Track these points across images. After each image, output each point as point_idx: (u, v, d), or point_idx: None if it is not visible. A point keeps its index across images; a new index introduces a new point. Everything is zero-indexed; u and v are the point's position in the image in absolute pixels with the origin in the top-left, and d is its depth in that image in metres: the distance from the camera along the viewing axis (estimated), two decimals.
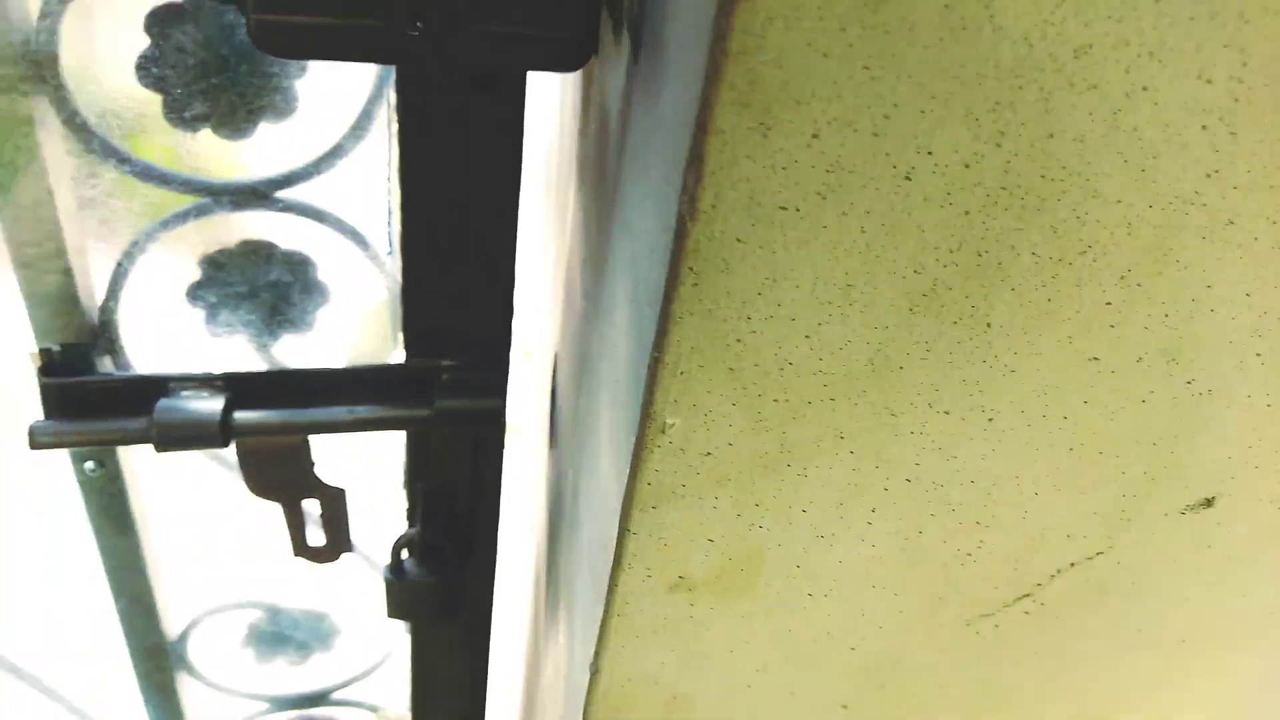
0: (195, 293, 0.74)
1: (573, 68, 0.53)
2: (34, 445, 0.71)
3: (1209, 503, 0.49)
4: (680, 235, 0.35)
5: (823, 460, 0.44)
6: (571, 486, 0.71)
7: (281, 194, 0.68)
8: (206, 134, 0.65)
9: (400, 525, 0.84)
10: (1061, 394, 0.43)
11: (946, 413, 0.42)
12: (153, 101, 0.63)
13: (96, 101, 0.64)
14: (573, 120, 0.73)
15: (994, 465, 0.45)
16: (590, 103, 0.63)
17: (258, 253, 0.72)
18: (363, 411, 0.73)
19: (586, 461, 0.62)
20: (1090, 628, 0.56)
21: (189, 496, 0.90)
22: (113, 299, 0.73)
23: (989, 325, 0.39)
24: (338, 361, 0.79)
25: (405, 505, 0.83)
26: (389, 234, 0.73)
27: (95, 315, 0.73)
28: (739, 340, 0.38)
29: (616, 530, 0.46)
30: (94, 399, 0.73)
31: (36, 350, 0.72)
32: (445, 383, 0.73)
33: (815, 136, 0.32)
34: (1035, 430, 0.44)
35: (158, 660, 0.99)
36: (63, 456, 0.81)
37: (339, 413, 0.73)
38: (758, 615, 0.52)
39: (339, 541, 0.84)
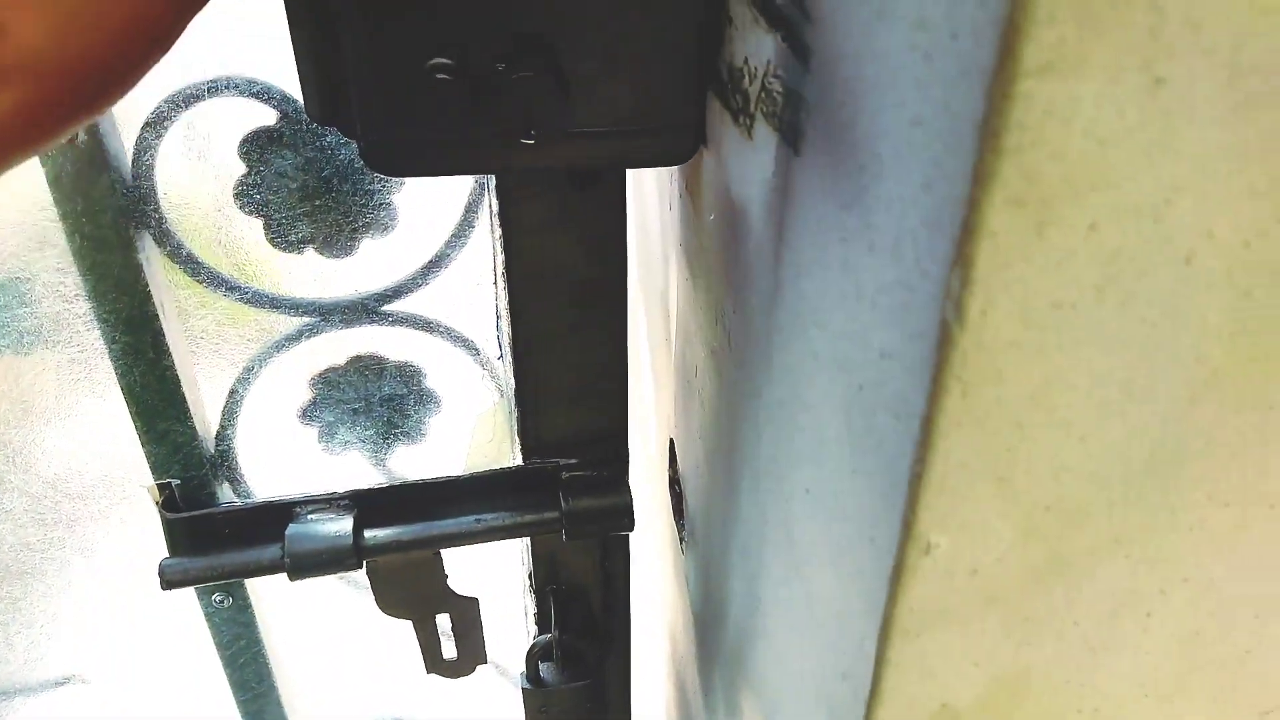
0: (308, 413, 0.73)
1: (683, 160, 0.52)
2: (165, 585, 0.70)
3: None
4: (945, 344, 0.32)
5: (1098, 568, 0.42)
6: (736, 596, 0.66)
7: (389, 308, 0.67)
8: (311, 254, 0.64)
9: (521, 629, 0.81)
10: None
11: (1227, 505, 0.40)
12: (254, 226, 0.63)
13: (200, 232, 0.64)
14: (660, 199, 0.70)
15: (1275, 552, 0.42)
16: (699, 189, 0.60)
17: (369, 368, 0.71)
18: (491, 519, 0.70)
19: (772, 572, 0.57)
20: None
21: (317, 619, 0.89)
22: (229, 426, 0.72)
23: (1271, 407, 0.37)
24: (453, 469, 0.77)
25: (533, 610, 0.80)
26: (498, 337, 0.71)
27: (211, 445, 0.72)
28: (1010, 449, 0.36)
29: (869, 661, 0.44)
30: (220, 531, 0.71)
31: (154, 485, 0.71)
32: (567, 482, 0.71)
33: (1093, 228, 0.30)
34: None
35: None
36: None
37: (468, 523, 0.70)
38: None
39: (473, 654, 0.81)
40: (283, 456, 0.74)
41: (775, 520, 0.54)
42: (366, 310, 0.68)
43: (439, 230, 0.65)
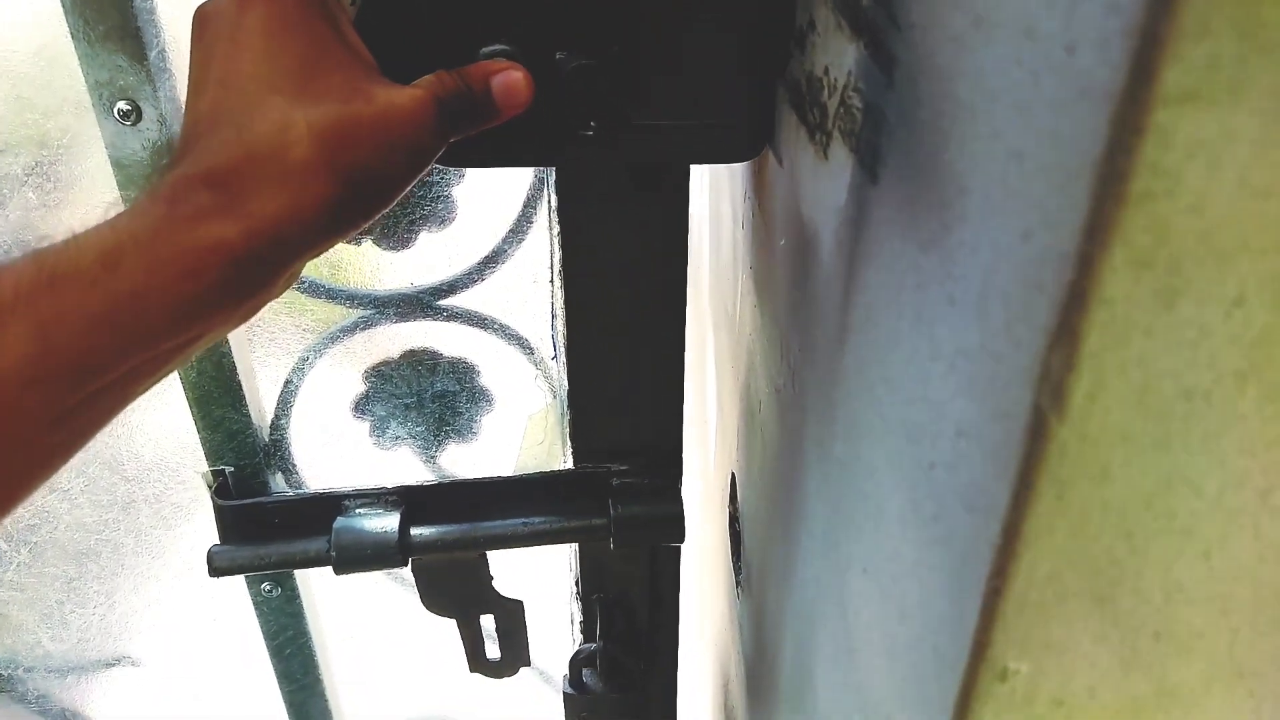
0: (361, 406, 0.72)
1: (744, 158, 0.51)
2: (213, 573, 0.70)
3: None
4: (1038, 432, 0.27)
5: (1213, 704, 0.36)
6: (788, 661, 0.63)
7: (444, 303, 0.66)
8: (369, 246, 0.64)
9: (566, 634, 0.79)
10: None
11: None
12: None
13: None
14: (733, 216, 0.68)
15: None
16: (772, 210, 0.57)
17: (422, 363, 0.70)
18: (538, 523, 0.69)
19: (824, 649, 0.53)
20: None
21: (365, 613, 0.88)
22: (283, 416, 0.72)
23: None
24: (504, 468, 0.75)
25: (580, 618, 0.78)
26: (553, 337, 0.70)
27: (266, 434, 0.72)
28: (1114, 563, 0.30)
29: None
30: (270, 520, 0.71)
31: (208, 470, 0.71)
32: (617, 489, 0.69)
33: (1239, 303, 0.25)
34: None
35: None
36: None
37: (514, 525, 0.69)
38: None
39: (517, 656, 0.80)
40: (335, 449, 0.74)
41: (830, 592, 0.50)
42: (421, 305, 0.67)
43: (497, 225, 0.63)
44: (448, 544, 0.69)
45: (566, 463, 0.70)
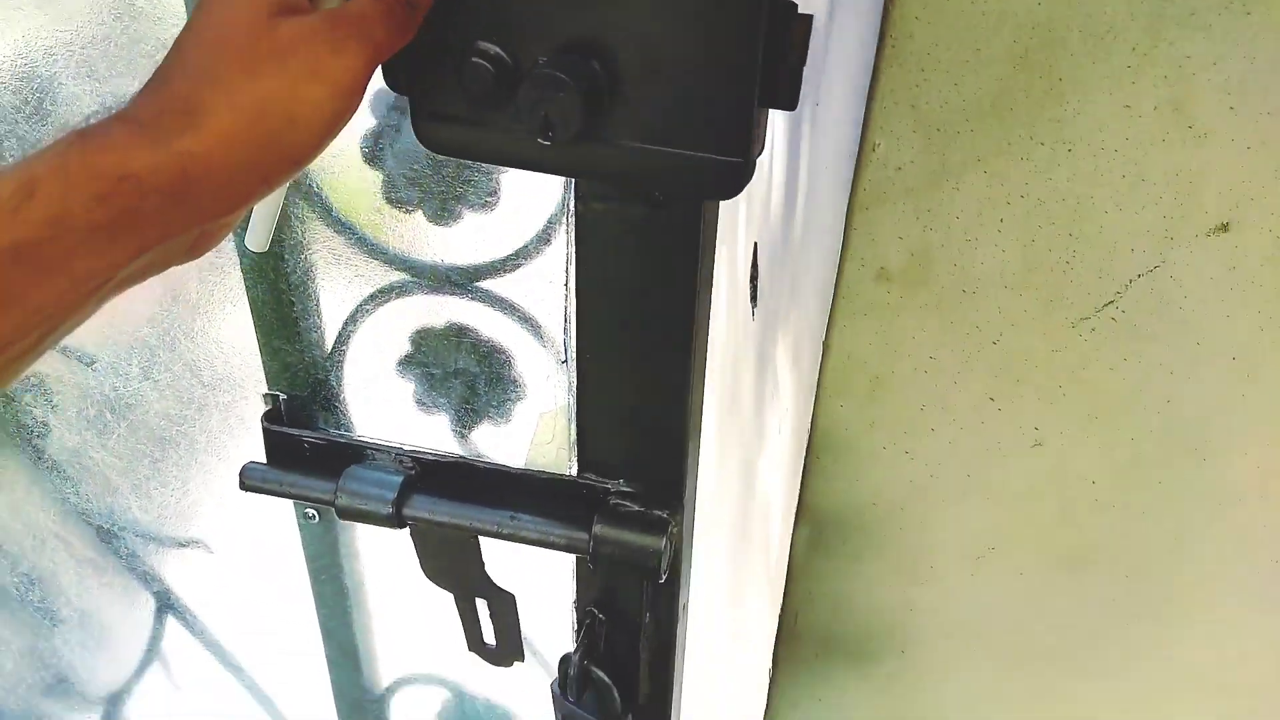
0: (404, 366, 0.74)
1: (725, 196, 0.49)
2: (243, 486, 0.75)
3: (1225, 228, 0.59)
4: None
5: (967, 178, 0.59)
6: None
7: (479, 284, 0.67)
8: (419, 217, 0.66)
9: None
10: None
11: (1042, 144, 0.58)
12: (374, 179, 0.65)
13: (330, 173, 0.67)
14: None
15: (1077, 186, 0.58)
16: None
17: (450, 338, 0.71)
18: (525, 521, 0.69)
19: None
20: (1161, 334, 0.64)
21: (398, 560, 0.92)
22: (335, 359, 0.75)
23: None
24: (519, 459, 0.75)
25: (574, 625, 0.77)
26: (564, 341, 0.69)
27: (318, 371, 0.76)
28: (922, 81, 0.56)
29: (843, 228, 0.61)
30: (304, 454, 0.76)
31: (266, 393, 0.77)
32: (610, 508, 0.67)
33: None
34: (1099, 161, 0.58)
35: (359, 714, 1.01)
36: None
37: (502, 517, 0.69)
38: (929, 307, 0.64)
39: (510, 648, 0.80)
40: (380, 401, 0.77)
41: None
42: (454, 282, 0.68)
43: (535, 219, 0.63)
44: (437, 520, 0.70)
45: (575, 468, 0.69)
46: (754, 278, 0.90)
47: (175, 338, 0.78)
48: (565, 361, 0.70)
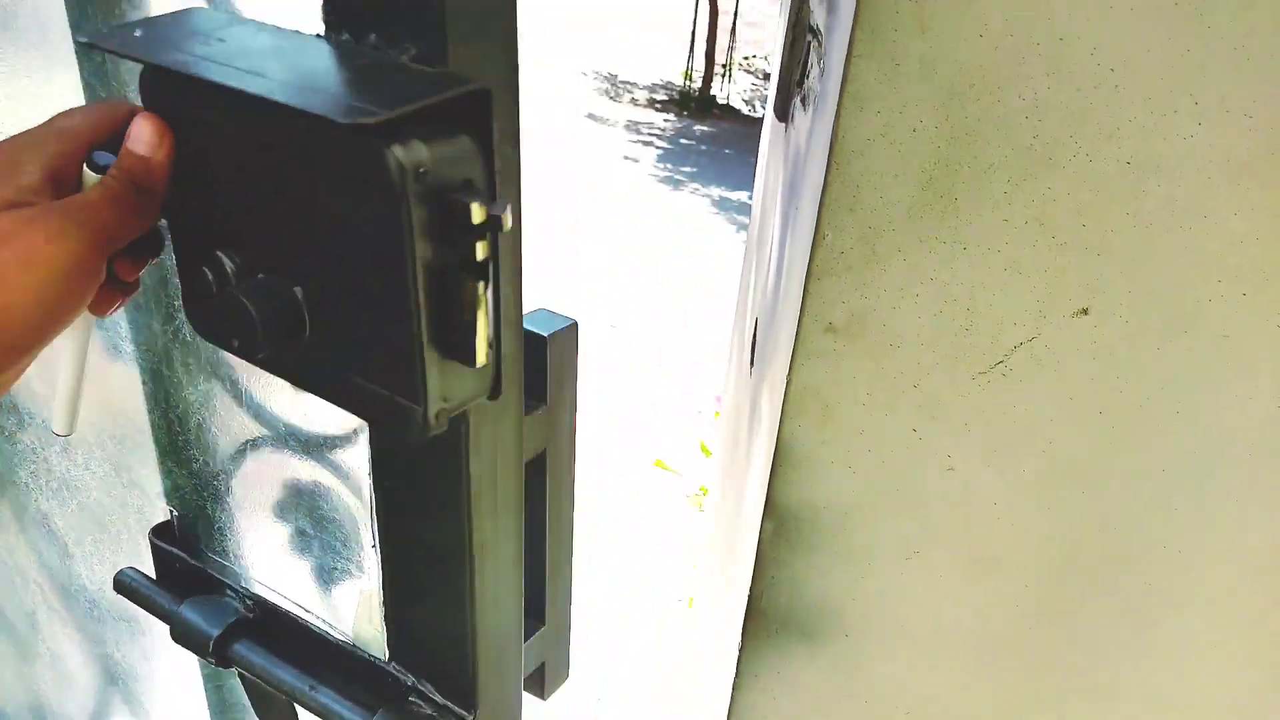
0: (276, 510, 0.80)
1: (413, 436, 0.50)
2: (116, 588, 0.81)
3: (1085, 311, 0.80)
4: None
5: (891, 263, 0.83)
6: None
7: (329, 452, 0.72)
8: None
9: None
10: None
11: (944, 243, 0.81)
12: None
13: None
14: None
15: (971, 275, 0.81)
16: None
17: (306, 496, 0.75)
18: (321, 694, 0.70)
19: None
20: (1040, 390, 0.86)
21: None
22: (219, 488, 0.80)
23: None
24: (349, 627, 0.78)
25: None
26: (374, 529, 0.70)
27: (203, 498, 0.80)
28: (858, 192, 0.78)
29: (802, 290, 0.83)
30: (174, 571, 0.80)
31: (167, 507, 0.81)
32: (402, 704, 0.69)
33: None
34: (987, 258, 0.81)
35: None
36: None
37: (302, 684, 0.71)
38: (865, 355, 0.86)
39: None
40: (254, 538, 0.81)
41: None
42: (310, 445, 0.71)
43: None
44: (252, 667, 0.73)
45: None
46: (754, 345, 1.12)
47: (104, 438, 0.86)
48: (375, 547, 0.72)
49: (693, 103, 12.12)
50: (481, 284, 0.43)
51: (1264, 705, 0.99)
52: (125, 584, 0.78)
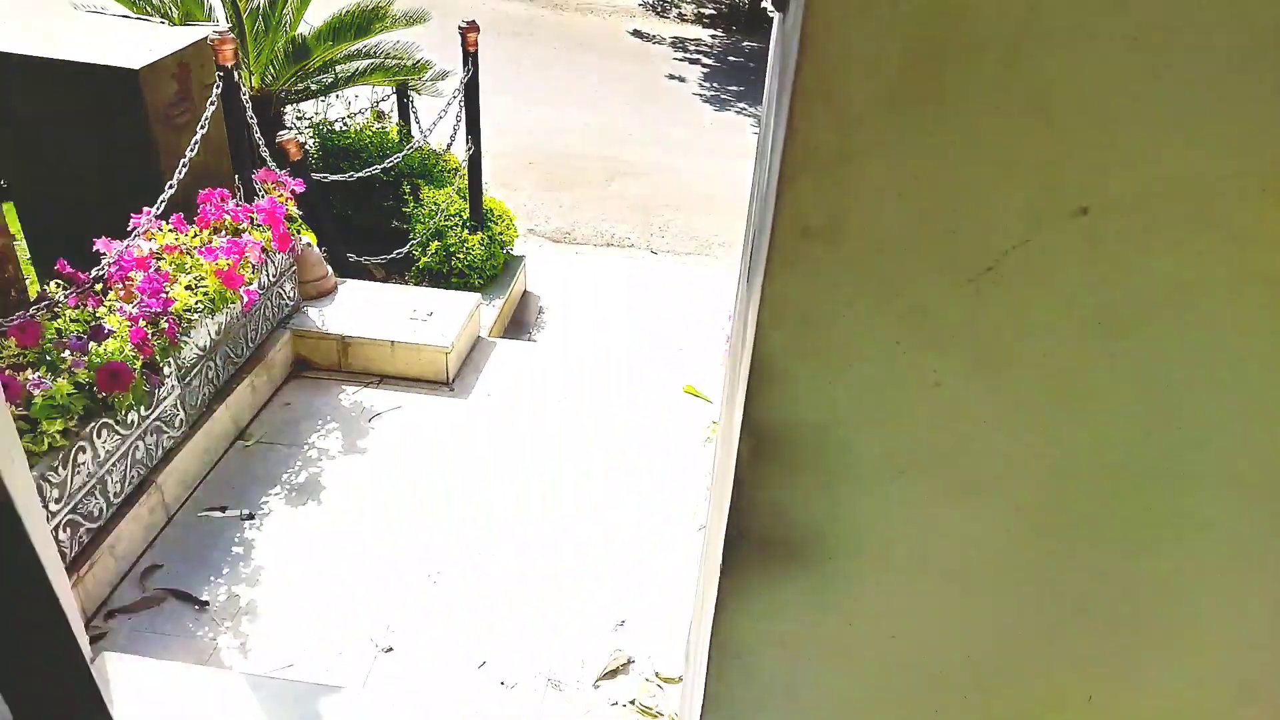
0: None
1: None
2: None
3: (1084, 211, 0.73)
4: None
5: (870, 159, 0.76)
6: None
7: None
8: None
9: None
10: None
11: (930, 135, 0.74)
12: None
13: None
14: None
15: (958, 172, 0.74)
16: None
17: None
18: None
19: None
20: (1034, 298, 0.79)
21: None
22: None
23: None
24: None
25: None
26: None
27: None
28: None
29: (776, 191, 0.77)
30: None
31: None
32: None
33: None
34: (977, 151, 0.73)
35: None
36: None
37: None
38: (845, 262, 0.80)
39: None
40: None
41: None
42: None
43: None
44: None
45: None
46: (751, 257, 1.05)
47: None
48: None
49: (742, 17, 11.73)
50: None
51: (1263, 632, 0.93)
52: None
